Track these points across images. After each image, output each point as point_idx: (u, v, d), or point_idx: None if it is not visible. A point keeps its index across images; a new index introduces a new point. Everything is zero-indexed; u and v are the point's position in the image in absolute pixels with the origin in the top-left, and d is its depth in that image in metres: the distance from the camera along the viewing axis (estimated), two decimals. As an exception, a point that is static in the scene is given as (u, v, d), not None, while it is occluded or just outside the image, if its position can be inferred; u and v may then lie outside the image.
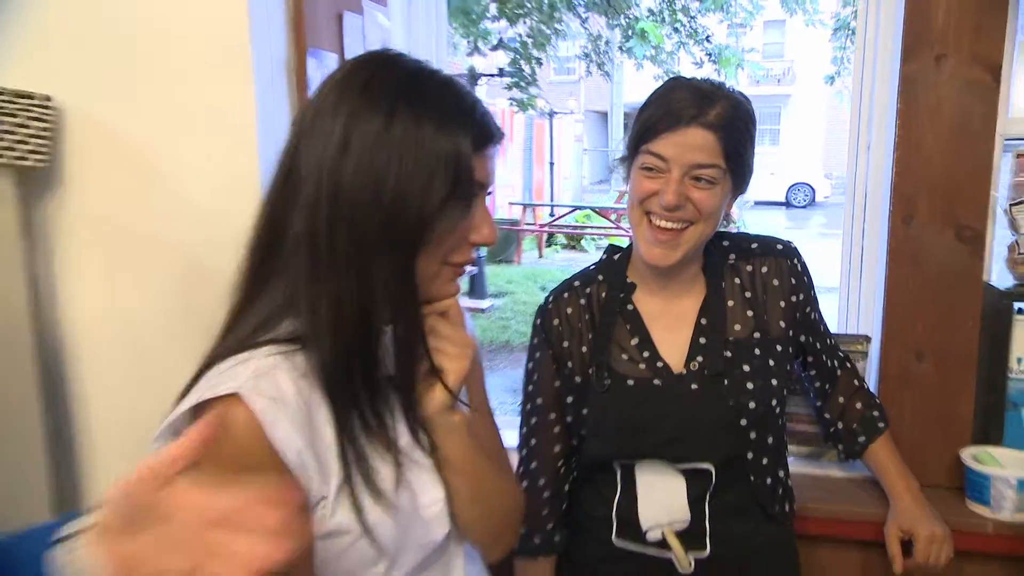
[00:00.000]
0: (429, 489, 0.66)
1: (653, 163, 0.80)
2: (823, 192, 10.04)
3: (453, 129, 0.59)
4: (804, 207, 10.05)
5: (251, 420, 0.55)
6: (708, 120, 0.78)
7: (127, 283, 0.98)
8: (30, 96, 0.87)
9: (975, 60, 0.94)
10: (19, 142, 0.87)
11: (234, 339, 0.61)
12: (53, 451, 0.97)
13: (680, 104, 0.79)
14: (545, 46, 4.79)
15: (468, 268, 0.69)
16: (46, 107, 0.88)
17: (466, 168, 0.60)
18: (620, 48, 4.99)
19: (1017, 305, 1.00)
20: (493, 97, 6.68)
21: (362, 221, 0.59)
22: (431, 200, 0.58)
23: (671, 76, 0.97)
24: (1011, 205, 0.99)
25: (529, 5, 4.47)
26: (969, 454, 0.98)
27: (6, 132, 0.85)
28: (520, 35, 4.80)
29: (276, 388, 0.58)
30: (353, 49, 1.05)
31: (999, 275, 1.03)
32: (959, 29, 0.94)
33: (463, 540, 0.71)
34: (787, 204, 10.07)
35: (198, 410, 0.57)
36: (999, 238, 1.02)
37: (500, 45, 5.15)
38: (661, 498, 0.87)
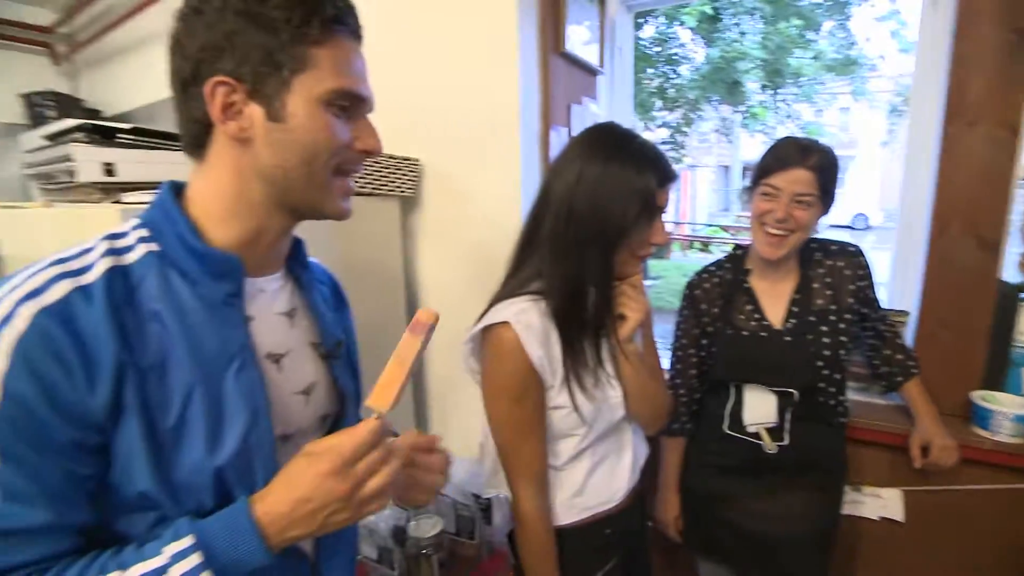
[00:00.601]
0: (613, 389, 0.97)
1: (769, 191, 1.12)
2: (876, 220, 14.01)
3: (646, 172, 0.85)
4: (862, 229, 13.83)
5: (515, 337, 0.86)
6: (809, 164, 1.08)
7: (449, 259, 1.52)
8: (410, 159, 1.43)
9: (999, 124, 1.22)
10: (402, 184, 1.43)
11: (506, 291, 0.93)
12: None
13: (787, 153, 1.11)
14: (691, 124, 7.36)
15: (648, 258, 0.97)
16: (415, 164, 1.44)
17: (652, 197, 0.85)
18: (740, 124, 7.38)
19: (1023, 295, 1.29)
20: None
21: (584, 228, 0.86)
22: (628, 217, 0.85)
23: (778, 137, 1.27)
24: (1023, 225, 1.32)
25: (681, 101, 6.76)
26: (978, 395, 1.28)
27: (397, 178, 1.42)
28: (676, 118, 7.26)
29: (528, 320, 0.87)
30: (576, 126, 1.54)
31: (1011, 274, 1.33)
32: (988, 103, 1.23)
33: (632, 420, 1.03)
34: (850, 227, 13.87)
35: (485, 330, 0.90)
36: (1013, 249, 1.31)
37: (663, 125, 7.77)
38: (758, 407, 1.20)
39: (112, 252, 0.55)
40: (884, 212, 14.26)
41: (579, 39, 1.57)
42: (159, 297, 0.55)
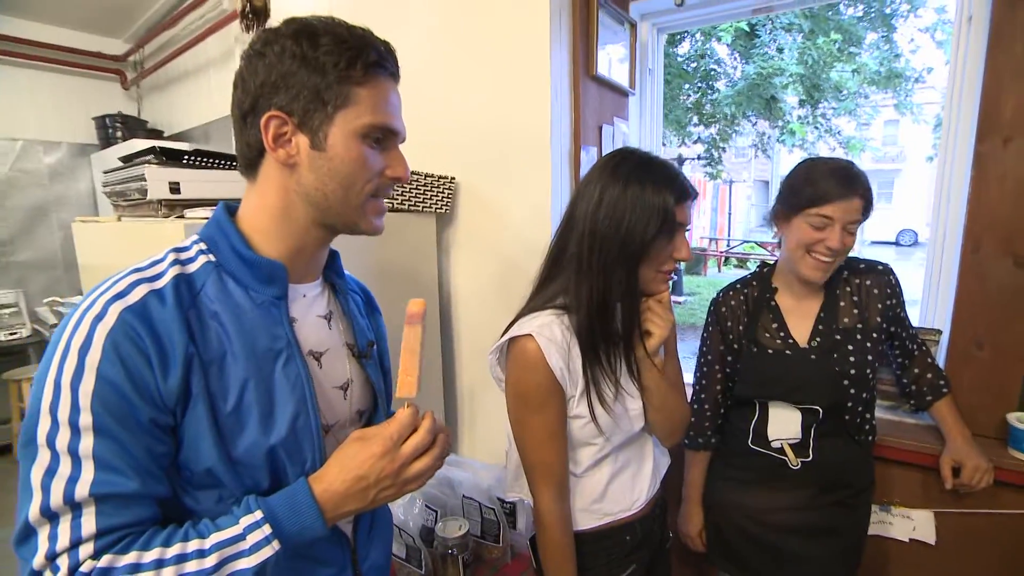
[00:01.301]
0: (633, 401, 1.00)
1: (822, 222, 1.08)
2: (924, 236, 13.47)
3: (662, 190, 0.88)
4: (910, 246, 13.68)
5: (537, 349, 0.90)
6: (859, 192, 1.07)
7: (481, 269, 1.60)
8: (447, 178, 1.52)
9: None
10: (439, 201, 1.51)
11: (532, 306, 0.98)
12: (444, 351, 1.65)
13: (838, 182, 1.07)
14: (728, 140, 7.29)
15: (672, 274, 0.99)
16: (451, 182, 1.52)
17: (670, 214, 0.88)
18: (778, 140, 7.21)
19: None
20: (694, 171, 10.19)
21: (607, 247, 0.89)
22: (648, 233, 0.88)
23: (809, 157, 1.21)
24: None
25: (718, 116, 6.77)
26: (1015, 416, 1.25)
27: (435, 196, 1.51)
28: (712, 134, 7.28)
29: (551, 333, 0.91)
30: (607, 146, 1.60)
31: None
32: (1021, 120, 1.23)
33: (652, 432, 1.07)
34: (896, 243, 13.77)
35: (510, 342, 0.94)
36: None
37: (699, 140, 7.73)
38: (783, 424, 1.20)
39: (178, 263, 0.64)
40: (931, 228, 13.97)
41: (610, 62, 1.63)
42: (217, 300, 0.63)
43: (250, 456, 0.62)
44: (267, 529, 0.58)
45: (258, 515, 0.58)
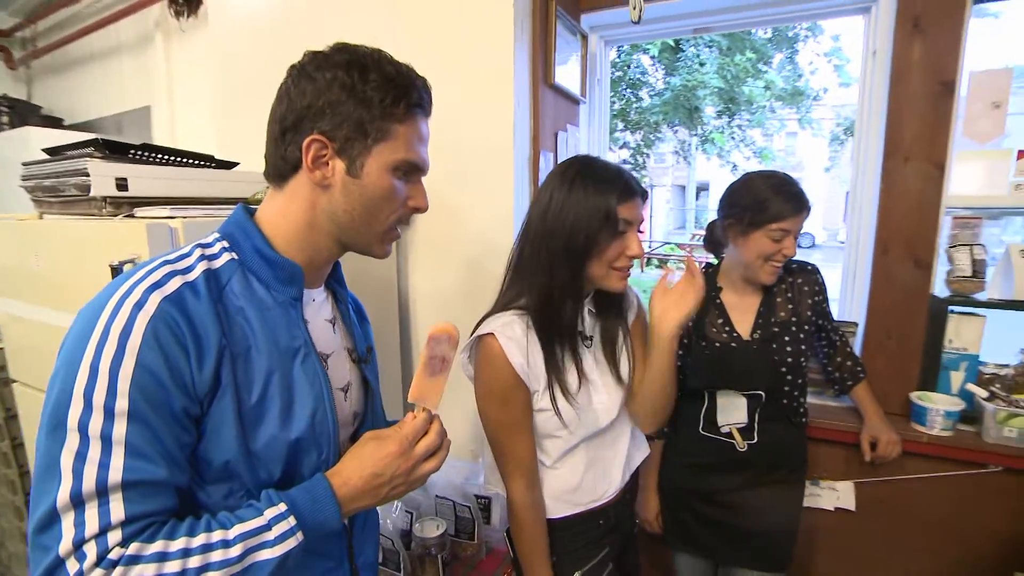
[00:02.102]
0: (599, 396, 1.04)
1: (780, 235, 1.19)
2: (821, 239, 15.42)
3: (605, 190, 0.93)
4: (808, 248, 15.02)
5: (499, 346, 0.94)
6: (807, 206, 1.20)
7: (443, 270, 1.59)
8: None
9: (928, 161, 1.42)
10: None
11: (498, 305, 1.03)
12: (403, 350, 1.61)
13: (797, 200, 1.19)
14: (651, 146, 7.78)
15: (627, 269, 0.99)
16: None
17: (612, 212, 0.92)
18: (697, 147, 7.88)
19: (951, 307, 1.46)
20: None
21: (554, 245, 0.94)
22: (591, 231, 0.92)
23: (751, 173, 1.32)
24: (949, 248, 1.48)
25: (642, 124, 7.22)
26: (915, 395, 1.46)
27: None
28: (636, 140, 7.67)
29: (511, 332, 0.96)
30: (562, 151, 1.66)
31: (940, 289, 1.50)
32: (919, 142, 1.43)
33: (630, 421, 1.12)
34: (798, 246, 14.33)
35: (476, 340, 0.98)
36: (942, 267, 1.49)
37: (624, 146, 8.17)
38: (730, 409, 1.31)
39: (204, 258, 0.64)
40: (827, 232, 15.54)
41: (564, 71, 1.70)
42: (242, 296, 0.64)
43: (269, 449, 0.63)
44: (292, 520, 0.59)
45: (282, 507, 0.59)
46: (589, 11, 1.78)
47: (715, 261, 1.43)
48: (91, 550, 0.51)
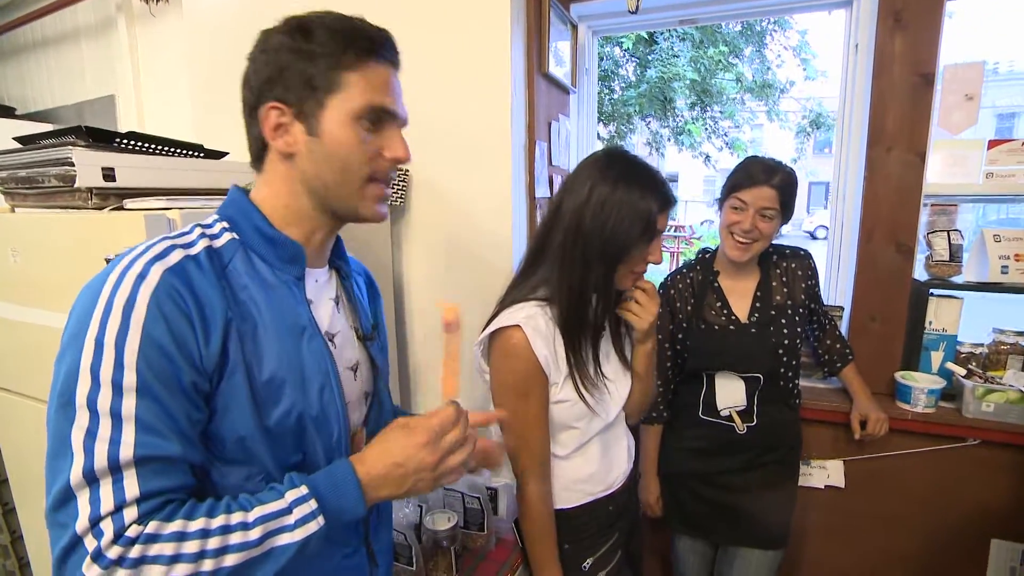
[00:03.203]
0: (613, 387, 1.07)
1: (738, 205, 1.25)
2: (785, 229, 14.19)
3: (650, 196, 0.92)
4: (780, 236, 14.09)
5: (524, 338, 0.93)
6: (773, 183, 1.23)
7: (437, 259, 1.58)
8: (401, 170, 1.47)
9: (910, 150, 1.48)
10: (393, 193, 1.46)
11: (515, 295, 1.01)
12: (398, 336, 1.60)
13: (756, 172, 1.25)
14: (624, 137, 7.65)
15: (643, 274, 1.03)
16: (405, 174, 1.48)
17: (653, 220, 0.93)
18: (670, 139, 7.78)
19: (931, 290, 1.53)
20: None
21: (591, 244, 0.93)
22: (631, 236, 0.92)
23: (749, 156, 1.37)
24: (928, 233, 1.56)
25: (616, 115, 7.16)
26: (899, 375, 1.52)
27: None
28: (609, 131, 7.53)
29: (536, 324, 0.95)
30: (555, 140, 1.65)
31: (919, 273, 1.57)
32: (900, 132, 1.48)
33: (627, 413, 1.16)
34: None
35: (495, 333, 0.97)
36: (921, 252, 1.57)
37: (597, 137, 8.12)
38: (730, 392, 1.35)
39: (205, 236, 0.63)
40: (791, 224, 15.97)
41: (556, 61, 1.69)
42: (246, 274, 0.64)
43: (282, 426, 0.62)
44: (313, 504, 0.57)
45: (304, 490, 0.58)
46: (578, 1, 1.78)
47: (713, 247, 1.46)
48: (108, 527, 0.50)
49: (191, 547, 0.51)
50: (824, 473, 1.60)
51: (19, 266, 1.18)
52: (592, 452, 1.07)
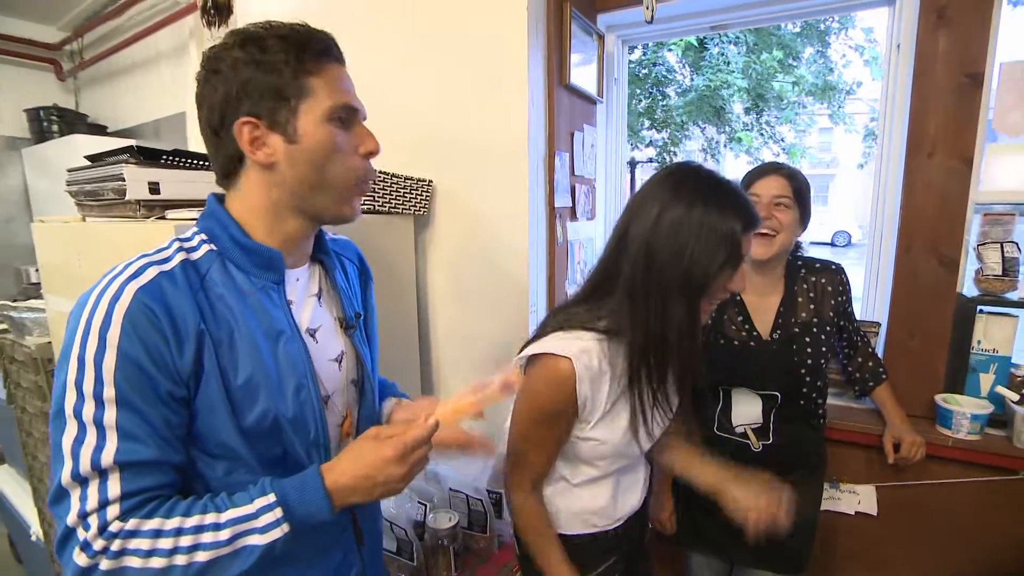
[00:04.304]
0: (660, 428, 1.00)
1: (753, 199, 1.17)
2: (856, 237, 14.72)
3: (732, 217, 0.79)
4: (844, 246, 14.47)
5: (572, 374, 0.85)
6: (780, 172, 1.25)
7: (458, 268, 1.64)
8: (424, 181, 1.54)
9: (954, 155, 1.37)
10: (417, 203, 1.53)
11: (576, 320, 0.90)
12: (421, 337, 1.66)
13: (763, 167, 1.29)
14: (678, 144, 7.70)
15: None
16: (429, 185, 1.55)
17: (737, 244, 0.79)
18: (724, 145, 7.76)
19: (979, 307, 1.42)
20: (645, 174, 11.40)
21: (667, 275, 0.80)
22: (714, 264, 0.79)
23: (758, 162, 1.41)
24: (978, 245, 1.44)
25: (669, 122, 7.21)
26: (940, 398, 1.42)
27: (413, 198, 1.53)
28: (663, 138, 7.63)
29: (589, 361, 0.87)
30: (578, 151, 1.67)
31: (968, 288, 1.46)
32: (943, 137, 1.38)
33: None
34: (832, 244, 14.71)
35: (543, 357, 0.87)
36: (971, 265, 1.45)
37: (651, 144, 8.23)
38: (745, 409, 1.30)
39: (182, 250, 0.68)
40: (862, 230, 15.12)
41: (580, 71, 1.71)
42: (222, 283, 0.67)
43: (259, 427, 0.66)
44: (278, 512, 0.62)
45: (271, 498, 0.62)
46: (605, 11, 1.79)
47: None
48: (93, 521, 0.57)
49: (166, 543, 0.58)
50: (855, 498, 1.51)
51: (81, 269, 1.33)
52: (604, 488, 1.03)
